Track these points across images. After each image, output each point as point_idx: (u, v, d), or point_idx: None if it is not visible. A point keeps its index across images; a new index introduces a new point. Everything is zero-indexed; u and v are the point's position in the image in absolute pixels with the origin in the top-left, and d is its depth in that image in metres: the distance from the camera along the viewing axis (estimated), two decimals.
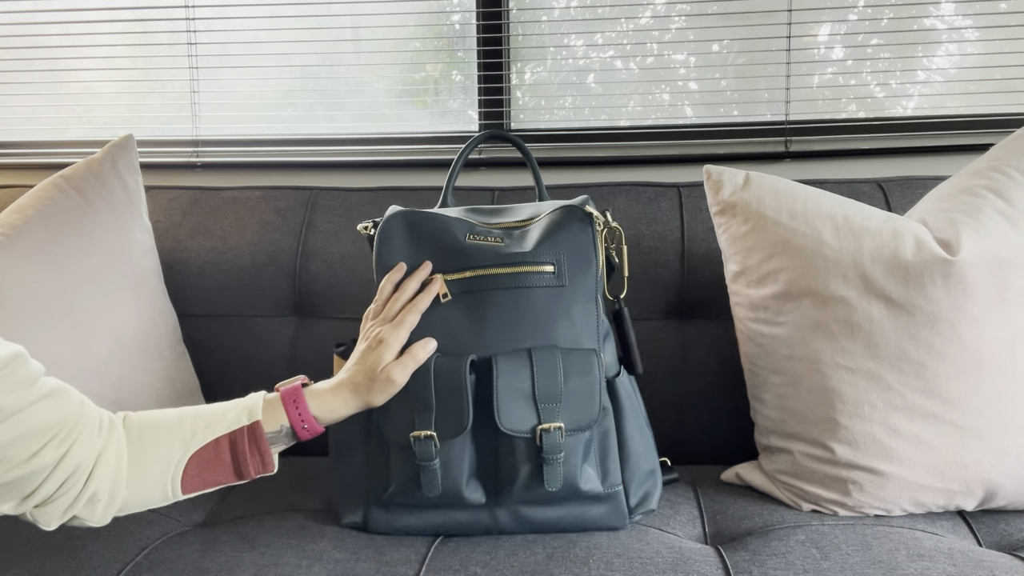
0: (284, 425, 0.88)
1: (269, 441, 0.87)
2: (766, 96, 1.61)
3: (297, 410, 0.88)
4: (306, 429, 0.88)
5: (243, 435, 0.86)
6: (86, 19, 1.74)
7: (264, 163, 1.70)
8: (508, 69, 1.67)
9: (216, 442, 0.85)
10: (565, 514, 0.95)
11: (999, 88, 1.56)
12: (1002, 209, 1.02)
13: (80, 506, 0.79)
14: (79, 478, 0.78)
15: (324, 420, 0.90)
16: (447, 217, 1.02)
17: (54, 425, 0.75)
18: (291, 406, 0.88)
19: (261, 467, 0.87)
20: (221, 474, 0.86)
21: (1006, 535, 0.96)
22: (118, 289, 1.24)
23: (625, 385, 1.00)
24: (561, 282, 0.96)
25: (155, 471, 0.83)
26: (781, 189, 1.09)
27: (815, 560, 0.88)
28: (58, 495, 0.77)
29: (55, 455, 0.75)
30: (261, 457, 0.87)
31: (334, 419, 0.91)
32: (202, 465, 0.85)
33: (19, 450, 0.72)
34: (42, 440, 0.74)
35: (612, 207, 1.36)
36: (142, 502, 0.85)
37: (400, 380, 0.90)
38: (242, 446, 0.85)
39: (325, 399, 0.90)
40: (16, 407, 0.71)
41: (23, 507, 0.76)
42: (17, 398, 0.71)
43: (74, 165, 1.32)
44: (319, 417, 0.89)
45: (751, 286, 1.09)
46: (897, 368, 0.98)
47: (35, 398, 0.73)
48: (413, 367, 0.91)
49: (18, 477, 0.73)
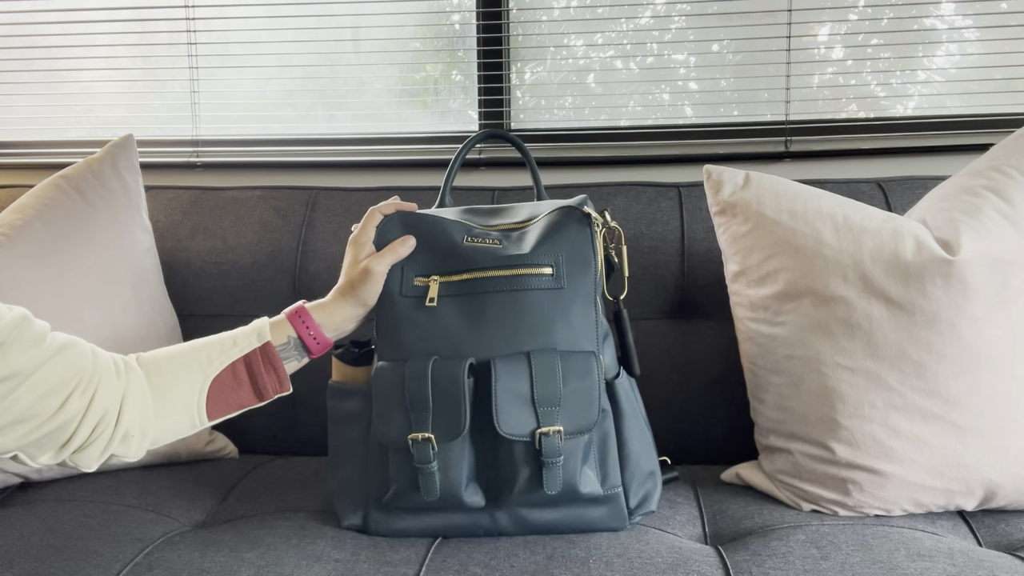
0: (292, 336, 0.93)
1: (281, 357, 0.92)
2: (766, 96, 1.61)
3: (303, 322, 0.93)
4: (314, 339, 0.93)
5: (256, 356, 0.90)
6: (86, 19, 1.74)
7: (264, 163, 1.70)
8: (508, 69, 1.67)
9: (232, 366, 0.89)
10: (565, 516, 0.95)
11: (999, 88, 1.56)
12: (1002, 209, 1.02)
13: (115, 445, 0.82)
14: (109, 421, 0.81)
15: (329, 327, 0.95)
16: (445, 219, 1.01)
17: (73, 376, 0.77)
18: (296, 320, 0.93)
19: (278, 385, 0.92)
20: (243, 396, 0.90)
21: (1006, 535, 0.96)
22: (118, 289, 1.24)
23: (624, 386, 1.00)
24: (559, 284, 0.95)
25: (179, 401, 0.87)
26: (781, 189, 1.09)
27: (815, 560, 0.88)
28: (92, 440, 0.80)
29: (81, 404, 0.78)
30: (277, 375, 0.91)
31: (337, 325, 0.96)
32: (223, 389, 0.89)
33: (45, 406, 0.75)
34: (65, 392, 0.77)
35: (612, 207, 1.36)
36: (172, 432, 0.88)
37: (378, 269, 0.95)
38: (257, 367, 0.90)
39: (325, 307, 0.95)
40: (32, 367, 0.74)
41: (61, 455, 0.80)
42: (30, 358, 0.74)
43: (74, 165, 1.32)
44: (323, 324, 0.94)
45: (751, 286, 1.09)
46: (897, 368, 0.98)
47: (48, 355, 0.76)
48: (391, 260, 0.96)
49: (50, 430, 0.77)
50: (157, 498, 1.10)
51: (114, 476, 1.18)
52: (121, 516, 1.03)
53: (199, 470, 1.22)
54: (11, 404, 0.73)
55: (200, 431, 1.03)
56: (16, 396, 0.73)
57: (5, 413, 0.74)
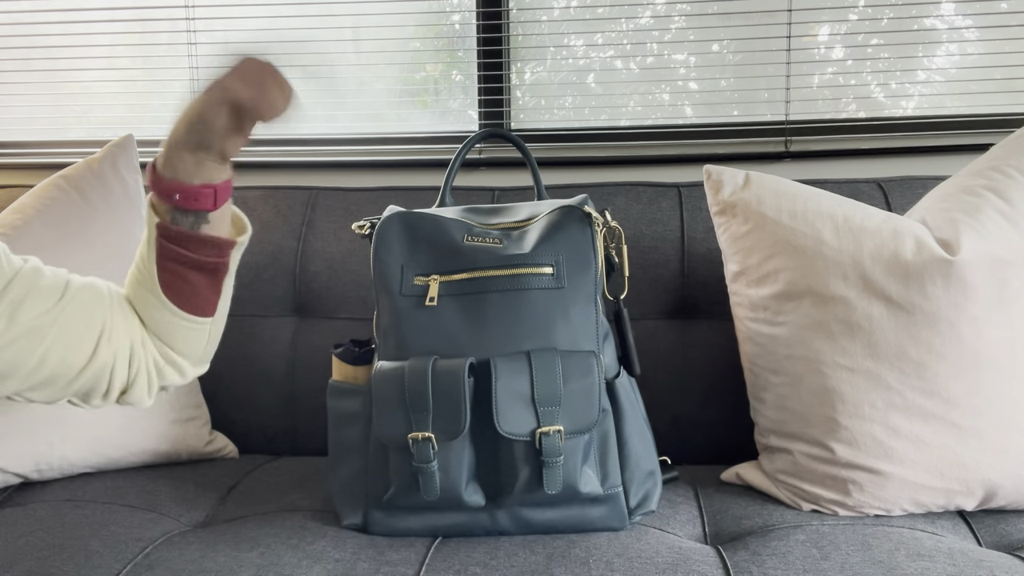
0: (165, 208, 0.80)
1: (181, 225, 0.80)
2: (766, 96, 1.61)
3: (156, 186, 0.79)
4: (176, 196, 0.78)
5: (163, 243, 0.80)
6: (86, 19, 1.74)
7: (264, 163, 1.70)
8: (508, 69, 1.67)
9: (159, 267, 0.81)
10: (565, 516, 0.95)
11: (999, 88, 1.56)
12: (1002, 209, 1.02)
13: (160, 376, 0.81)
14: (138, 355, 0.79)
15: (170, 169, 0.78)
16: (445, 218, 1.01)
17: (94, 323, 0.76)
18: (154, 187, 0.80)
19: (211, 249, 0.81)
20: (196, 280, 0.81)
21: (1006, 535, 0.96)
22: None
23: (625, 386, 1.00)
24: (560, 283, 0.95)
25: (160, 319, 0.82)
26: (781, 189, 1.09)
27: (815, 560, 0.88)
28: (132, 378, 0.79)
29: (109, 351, 0.77)
30: (197, 241, 0.80)
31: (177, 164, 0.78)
32: (175, 290, 0.81)
33: (75, 358, 0.75)
34: (92, 341, 0.76)
35: (612, 207, 1.36)
36: (193, 343, 0.84)
37: None
38: (173, 251, 0.80)
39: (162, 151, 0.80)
40: (50, 320, 0.73)
41: (108, 400, 0.79)
42: (48, 310, 0.73)
43: (74, 165, 1.32)
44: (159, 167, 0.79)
45: (751, 286, 1.09)
46: (897, 368, 0.98)
47: (64, 306, 0.75)
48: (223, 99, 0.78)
49: (89, 379, 0.76)
50: (157, 498, 1.10)
51: (114, 476, 1.18)
52: (121, 516, 1.03)
53: (199, 470, 1.22)
54: (40, 360, 0.72)
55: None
56: (41, 352, 0.72)
57: (38, 370, 0.73)
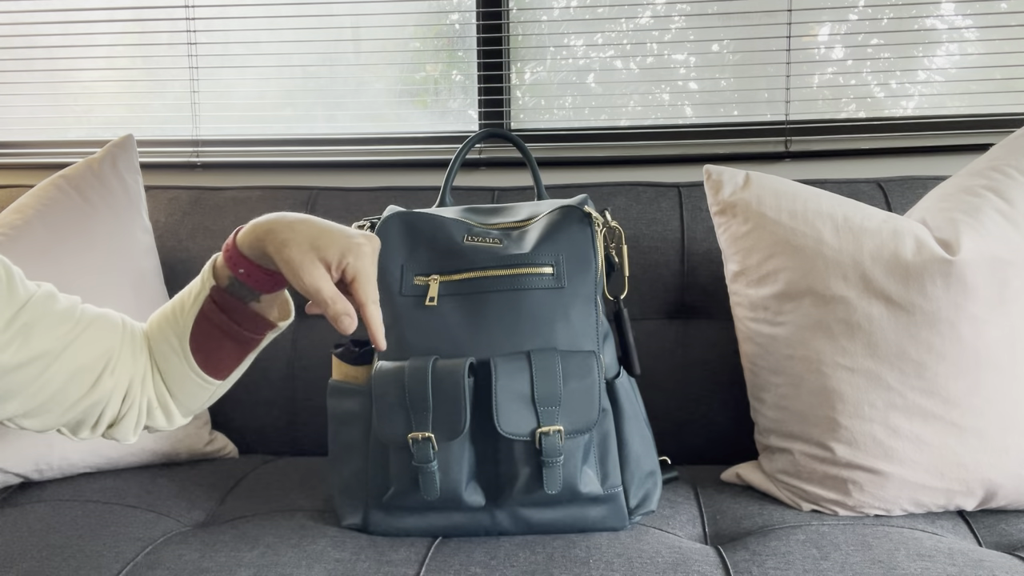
0: (228, 275, 0.79)
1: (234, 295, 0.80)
2: (766, 96, 1.61)
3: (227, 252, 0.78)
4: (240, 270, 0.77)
5: (210, 303, 0.79)
6: (86, 19, 1.74)
7: (264, 163, 1.70)
8: (508, 69, 1.67)
9: (196, 321, 0.80)
10: (565, 516, 0.95)
11: (999, 88, 1.56)
12: (1002, 209, 1.02)
13: (148, 417, 0.82)
14: (134, 393, 0.80)
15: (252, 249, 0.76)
16: (445, 218, 1.01)
17: (102, 354, 0.77)
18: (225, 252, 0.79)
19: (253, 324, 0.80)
20: (226, 346, 0.81)
21: (1006, 535, 0.96)
22: (118, 289, 1.24)
23: (625, 386, 1.00)
24: (560, 283, 0.95)
25: (174, 367, 0.82)
26: (781, 189, 1.09)
27: (815, 560, 0.88)
28: (123, 414, 0.79)
29: (111, 382, 0.77)
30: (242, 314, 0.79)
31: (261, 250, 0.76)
32: (203, 349, 0.81)
33: (77, 387, 0.75)
34: (96, 372, 0.76)
35: (612, 207, 1.36)
36: (193, 398, 0.84)
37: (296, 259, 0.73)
38: (217, 316, 0.79)
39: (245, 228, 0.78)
40: (60, 346, 0.73)
41: (96, 433, 0.80)
42: (58, 336, 0.73)
43: (74, 165, 1.32)
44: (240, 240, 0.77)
45: (751, 286, 1.09)
46: (897, 368, 0.98)
47: (76, 333, 0.75)
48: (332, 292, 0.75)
49: (85, 409, 0.76)
50: (157, 498, 1.10)
51: (114, 476, 1.18)
52: (121, 516, 1.03)
53: (199, 470, 1.22)
54: (43, 385, 0.72)
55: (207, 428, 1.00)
56: (47, 377, 0.72)
57: (37, 395, 0.73)
